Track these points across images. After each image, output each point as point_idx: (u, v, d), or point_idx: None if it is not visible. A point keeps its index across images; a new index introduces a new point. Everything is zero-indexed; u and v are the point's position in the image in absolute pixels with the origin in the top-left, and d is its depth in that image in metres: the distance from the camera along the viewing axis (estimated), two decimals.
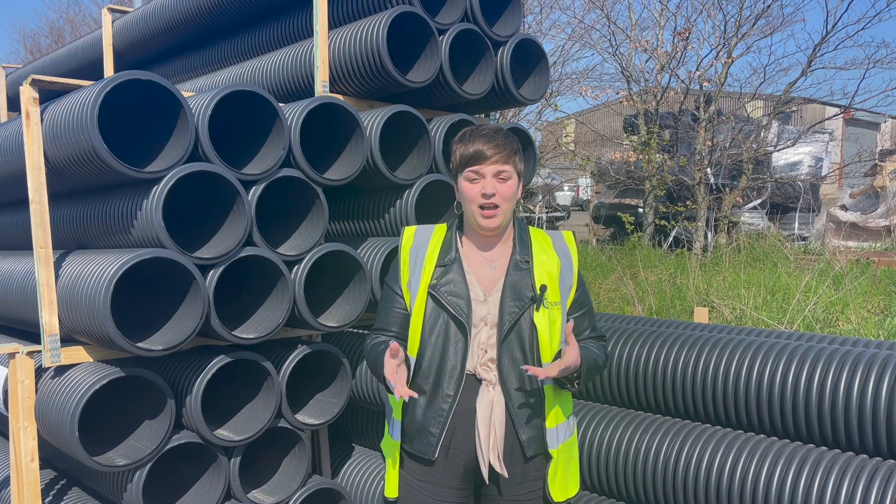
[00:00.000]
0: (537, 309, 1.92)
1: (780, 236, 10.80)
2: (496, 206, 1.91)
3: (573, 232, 2.20)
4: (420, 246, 2.03)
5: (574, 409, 2.16)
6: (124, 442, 2.61)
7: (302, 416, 2.88)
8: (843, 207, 12.26)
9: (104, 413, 2.63)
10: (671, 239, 11.73)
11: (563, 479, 2.03)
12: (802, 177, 12.51)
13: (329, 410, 2.91)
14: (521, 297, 1.92)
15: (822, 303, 6.69)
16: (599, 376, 3.06)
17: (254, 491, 2.85)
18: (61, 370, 2.54)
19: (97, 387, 2.37)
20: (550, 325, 1.93)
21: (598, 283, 8.55)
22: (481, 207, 1.91)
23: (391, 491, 2.06)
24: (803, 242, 11.81)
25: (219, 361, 2.57)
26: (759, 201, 12.34)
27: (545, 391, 1.96)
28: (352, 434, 3.48)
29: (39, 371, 2.60)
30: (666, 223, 11.64)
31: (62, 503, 2.86)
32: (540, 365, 1.93)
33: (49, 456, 3.05)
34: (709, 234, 11.26)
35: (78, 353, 2.56)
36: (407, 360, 1.94)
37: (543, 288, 1.93)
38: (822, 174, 12.88)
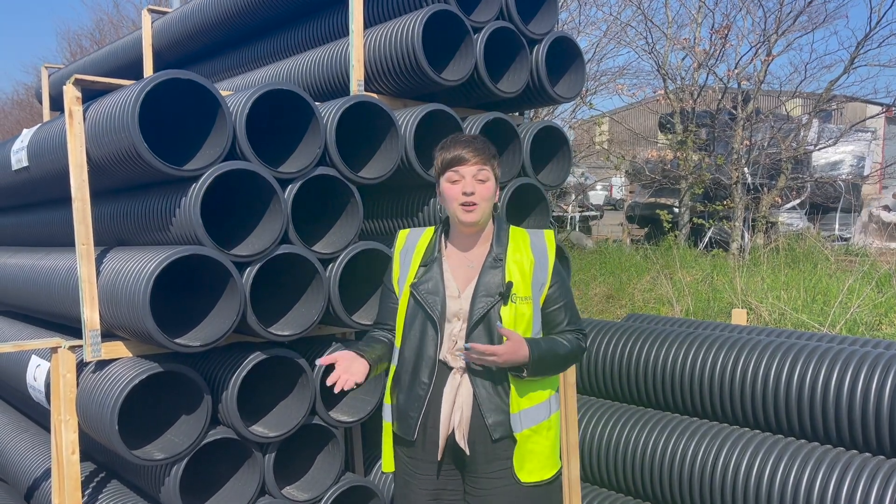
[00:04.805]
0: (505, 304, 2.07)
1: (819, 237, 10.56)
2: (475, 204, 2.08)
3: (554, 230, 2.42)
4: (409, 248, 2.23)
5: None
6: (162, 436, 2.65)
7: (336, 414, 2.89)
8: (886, 208, 11.94)
9: (142, 407, 2.67)
10: (707, 239, 11.54)
11: (533, 461, 2.12)
12: (843, 176, 12.23)
13: (362, 408, 2.91)
14: (491, 293, 2.08)
15: (866, 305, 6.52)
16: (635, 378, 3.03)
17: (287, 487, 2.87)
18: (101, 365, 2.59)
19: (136, 381, 2.41)
20: (516, 318, 2.08)
21: (632, 283, 8.45)
22: (462, 205, 2.08)
23: (388, 466, 2.26)
24: (844, 243, 11.54)
25: (254, 358, 2.60)
26: (797, 201, 12.09)
27: (510, 378, 2.09)
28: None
29: (80, 365, 2.65)
30: (702, 223, 11.46)
31: (101, 495, 2.91)
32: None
33: (89, 449, 3.10)
34: (746, 235, 11.06)
35: (118, 348, 2.60)
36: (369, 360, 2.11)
37: (509, 285, 2.09)
38: (865, 174, 12.56)
